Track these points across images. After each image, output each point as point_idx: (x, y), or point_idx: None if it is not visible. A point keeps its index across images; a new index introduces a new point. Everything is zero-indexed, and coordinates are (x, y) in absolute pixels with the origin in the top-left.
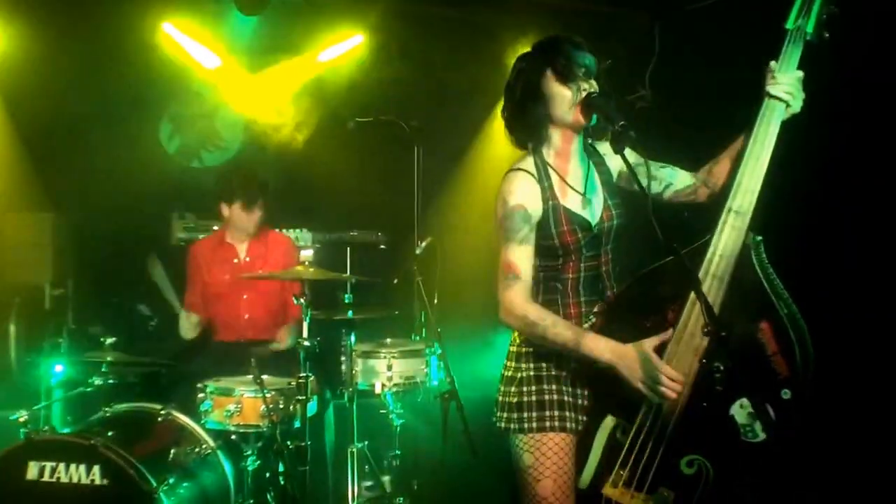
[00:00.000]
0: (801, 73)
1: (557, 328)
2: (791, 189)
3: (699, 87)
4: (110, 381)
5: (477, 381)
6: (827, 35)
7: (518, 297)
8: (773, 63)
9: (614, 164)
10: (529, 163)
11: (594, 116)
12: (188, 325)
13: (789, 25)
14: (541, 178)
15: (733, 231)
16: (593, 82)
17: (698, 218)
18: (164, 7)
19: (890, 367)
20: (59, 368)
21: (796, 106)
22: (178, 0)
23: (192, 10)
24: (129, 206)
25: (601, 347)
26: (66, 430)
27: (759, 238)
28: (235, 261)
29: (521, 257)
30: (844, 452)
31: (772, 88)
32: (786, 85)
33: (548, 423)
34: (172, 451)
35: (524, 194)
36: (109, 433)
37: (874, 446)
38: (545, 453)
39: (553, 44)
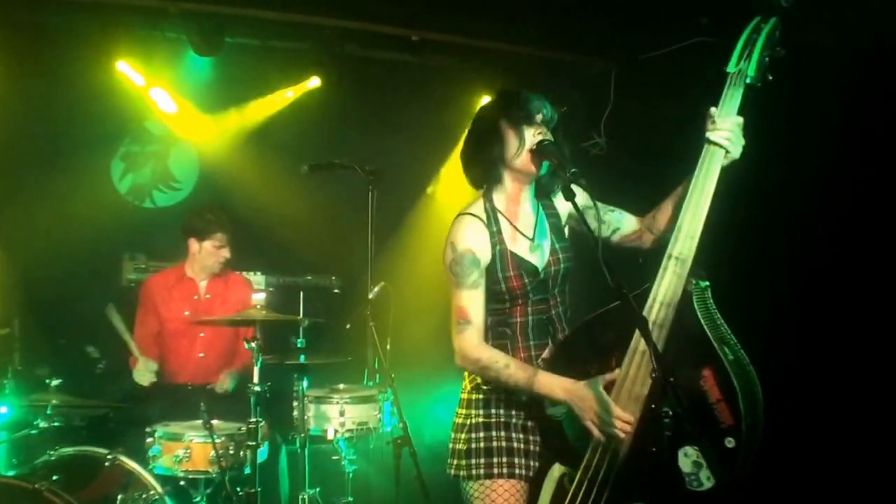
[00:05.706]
0: (740, 119)
1: (510, 369)
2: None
3: (653, 134)
4: (56, 424)
5: (430, 427)
6: (771, 77)
7: (470, 342)
8: (713, 109)
9: (563, 206)
10: (479, 207)
11: (545, 164)
12: (147, 373)
13: (730, 69)
14: (489, 223)
15: (674, 277)
16: (546, 131)
17: (651, 262)
18: (118, 46)
19: (844, 411)
20: (3, 410)
21: (736, 152)
22: (132, 40)
23: (147, 50)
24: (78, 245)
25: (554, 385)
26: (11, 473)
27: (706, 284)
28: (195, 297)
29: (472, 302)
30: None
31: (711, 134)
32: (725, 131)
33: (495, 470)
34: (119, 496)
35: (473, 239)
36: (54, 477)
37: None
38: (494, 500)
39: (512, 93)
